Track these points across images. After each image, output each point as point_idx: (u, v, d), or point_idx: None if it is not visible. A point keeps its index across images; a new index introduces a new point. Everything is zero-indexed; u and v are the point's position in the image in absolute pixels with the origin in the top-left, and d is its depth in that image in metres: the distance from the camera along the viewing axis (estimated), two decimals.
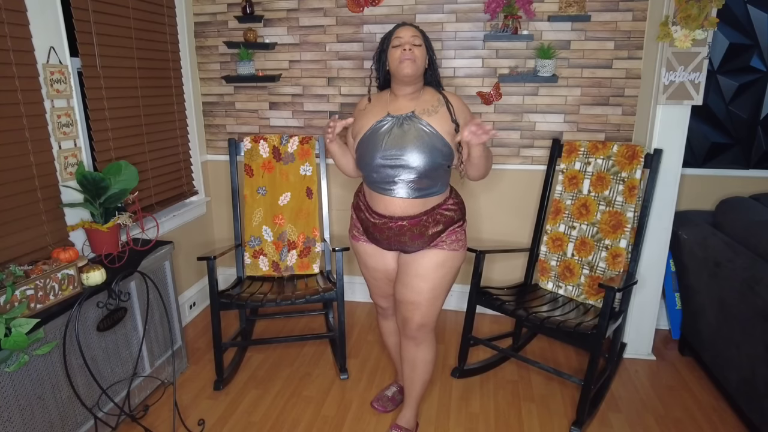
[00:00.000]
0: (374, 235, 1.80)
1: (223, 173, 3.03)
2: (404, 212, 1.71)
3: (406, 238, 1.74)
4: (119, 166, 2.07)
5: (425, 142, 1.64)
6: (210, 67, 2.92)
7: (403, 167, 1.65)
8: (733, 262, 2.06)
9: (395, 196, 1.70)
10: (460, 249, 1.79)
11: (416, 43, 1.66)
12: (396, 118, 1.69)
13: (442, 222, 1.74)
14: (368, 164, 1.70)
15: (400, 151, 1.64)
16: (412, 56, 1.64)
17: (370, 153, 1.68)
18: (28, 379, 1.60)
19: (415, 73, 1.66)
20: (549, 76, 2.52)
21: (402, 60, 1.64)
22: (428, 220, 1.72)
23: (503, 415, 2.12)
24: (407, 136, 1.65)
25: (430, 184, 1.70)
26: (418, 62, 1.65)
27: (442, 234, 1.75)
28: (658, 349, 2.59)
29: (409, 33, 1.67)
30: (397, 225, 1.72)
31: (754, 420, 1.92)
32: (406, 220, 1.71)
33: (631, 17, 2.46)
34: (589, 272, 2.33)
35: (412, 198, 1.69)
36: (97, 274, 1.80)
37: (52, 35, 1.90)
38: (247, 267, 2.62)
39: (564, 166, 2.45)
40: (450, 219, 1.76)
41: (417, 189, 1.69)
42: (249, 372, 2.43)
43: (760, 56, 2.45)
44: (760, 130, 2.55)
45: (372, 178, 1.72)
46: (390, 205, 1.71)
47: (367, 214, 1.79)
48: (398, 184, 1.68)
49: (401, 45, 1.65)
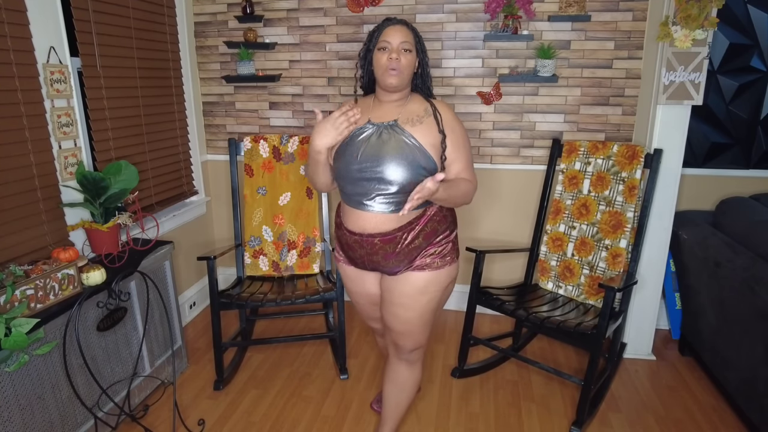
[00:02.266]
0: (349, 254, 1.66)
1: (223, 173, 3.03)
2: (376, 228, 1.55)
3: (379, 257, 1.59)
4: (119, 166, 2.07)
5: (405, 155, 1.49)
6: (210, 67, 2.92)
7: (380, 180, 1.50)
8: (733, 262, 2.06)
9: (369, 210, 1.54)
10: (447, 264, 1.61)
11: (405, 48, 1.51)
12: (377, 126, 1.54)
13: (421, 236, 1.57)
14: (343, 175, 1.55)
15: (376, 163, 1.49)
16: (399, 66, 1.50)
17: (346, 163, 1.54)
18: (28, 378, 1.60)
19: (400, 84, 1.53)
20: (549, 76, 2.52)
21: (387, 70, 1.50)
22: (403, 236, 1.55)
23: (503, 415, 2.12)
24: (386, 146, 1.50)
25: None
26: (404, 72, 1.52)
27: (422, 250, 1.58)
28: (658, 349, 2.59)
29: (399, 37, 1.51)
30: (368, 242, 1.57)
31: (754, 420, 1.92)
32: (377, 237, 1.55)
33: (631, 17, 2.46)
34: (589, 272, 2.33)
35: (387, 213, 1.54)
36: (97, 274, 1.80)
37: (52, 35, 1.90)
38: (247, 267, 2.61)
39: (564, 166, 2.45)
40: (432, 231, 1.58)
41: (394, 204, 1.53)
42: (249, 372, 2.43)
43: (760, 56, 2.45)
44: (760, 130, 2.54)
45: (347, 190, 1.57)
46: (361, 220, 1.56)
47: (342, 231, 1.65)
48: (374, 198, 1.53)
49: (388, 51, 1.51)
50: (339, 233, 1.69)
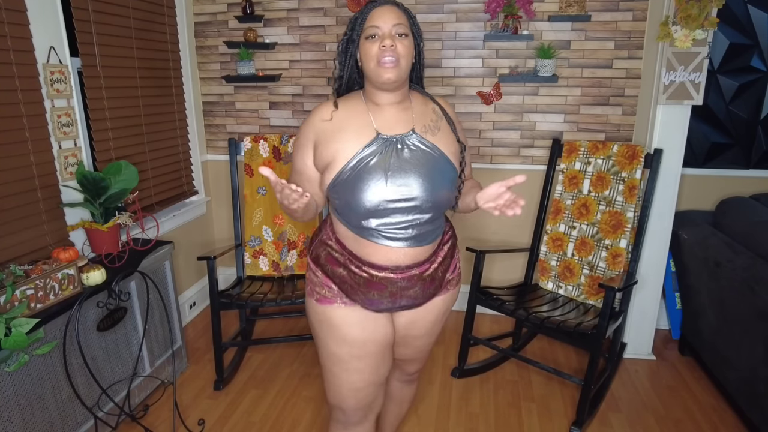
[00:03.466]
0: (368, 295, 1.28)
1: (223, 173, 3.03)
2: (414, 259, 1.27)
3: (417, 290, 1.30)
4: (119, 165, 2.07)
5: (437, 171, 1.22)
6: (210, 66, 2.92)
7: (415, 209, 1.21)
8: (733, 262, 2.06)
9: (401, 246, 1.24)
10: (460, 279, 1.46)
11: (401, 32, 1.19)
12: (389, 140, 1.21)
13: (449, 256, 1.38)
14: (363, 210, 1.20)
15: (410, 188, 1.19)
16: (395, 55, 1.17)
17: (366, 195, 1.18)
18: (28, 378, 1.60)
19: (399, 78, 1.20)
20: (549, 76, 2.52)
21: (382, 61, 1.17)
22: (436, 258, 1.33)
23: (503, 415, 2.12)
24: (411, 164, 1.20)
25: (440, 223, 1.33)
26: (403, 62, 1.19)
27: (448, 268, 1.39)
28: (658, 349, 2.59)
29: (391, 19, 1.18)
30: (405, 276, 1.27)
31: (754, 420, 1.92)
32: (415, 267, 1.27)
33: (632, 17, 2.46)
34: (589, 272, 2.33)
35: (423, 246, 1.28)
36: (97, 274, 1.80)
37: (52, 35, 1.90)
38: (247, 267, 2.61)
39: (564, 166, 2.45)
40: (452, 246, 1.40)
41: (433, 232, 1.29)
42: (249, 372, 2.43)
43: (760, 56, 2.45)
44: (760, 130, 2.54)
45: (367, 225, 1.23)
46: (393, 255, 1.25)
47: (353, 268, 1.27)
48: (409, 231, 1.24)
49: (379, 38, 1.18)
50: (338, 272, 1.30)
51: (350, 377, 1.34)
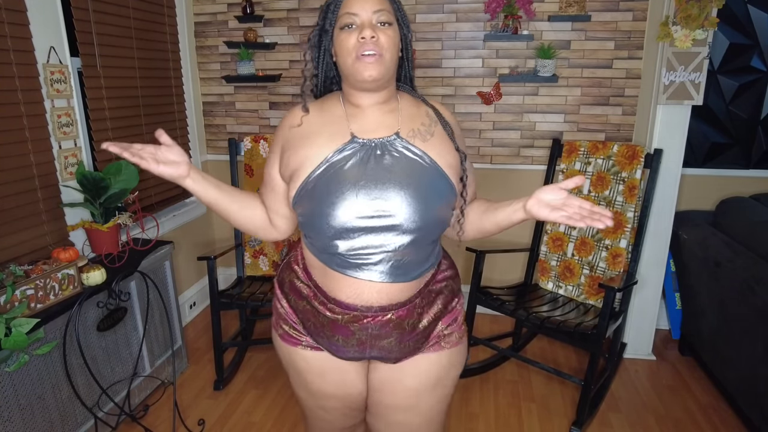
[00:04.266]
0: (332, 339, 1.07)
1: (224, 173, 3.02)
2: (389, 299, 1.02)
3: (392, 341, 1.05)
4: (119, 165, 2.06)
5: (426, 184, 0.98)
6: (210, 67, 2.92)
7: (392, 228, 0.97)
8: (733, 262, 2.06)
9: (375, 279, 1.00)
10: (464, 337, 1.14)
11: (383, 21, 0.97)
12: (368, 144, 1.00)
13: (439, 299, 1.09)
14: (328, 229, 0.98)
15: (387, 202, 0.96)
16: (377, 49, 0.96)
17: (332, 209, 0.96)
18: (28, 378, 1.60)
19: (383, 75, 0.98)
20: (549, 76, 2.52)
21: (360, 57, 0.96)
22: (422, 302, 1.06)
23: (503, 415, 2.12)
24: (391, 174, 0.97)
25: (430, 252, 1.05)
26: (387, 56, 0.97)
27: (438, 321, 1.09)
28: (658, 349, 2.59)
29: (371, 5, 0.97)
30: (377, 321, 1.02)
31: (754, 420, 1.92)
32: (391, 311, 1.03)
33: (632, 17, 2.46)
34: (589, 272, 2.33)
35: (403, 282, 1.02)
36: (97, 274, 1.80)
37: (52, 35, 1.90)
38: (247, 267, 2.61)
39: (564, 166, 2.45)
40: (450, 292, 1.12)
41: (415, 264, 1.02)
42: (249, 372, 2.43)
43: (760, 56, 2.45)
44: (760, 130, 2.54)
45: (333, 250, 1.00)
46: (365, 291, 1.01)
47: (317, 305, 1.06)
48: (381, 258, 0.99)
49: (357, 28, 0.97)
50: (301, 306, 1.10)
51: (318, 423, 1.22)
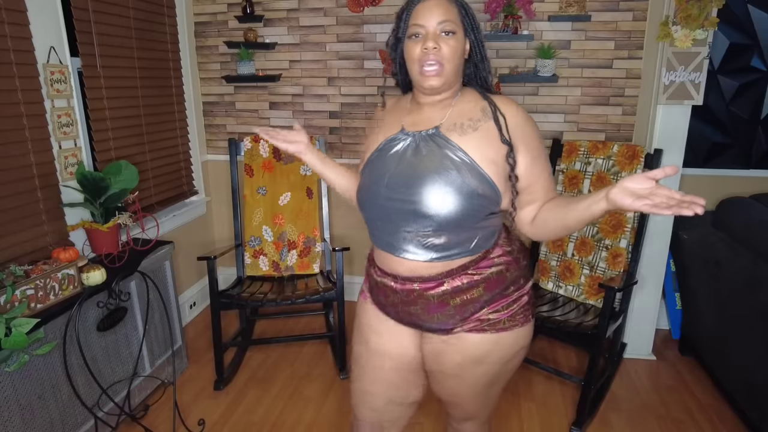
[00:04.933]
0: (378, 297, 1.23)
1: (223, 173, 3.03)
2: (413, 272, 1.14)
3: (418, 309, 1.16)
4: (119, 165, 2.07)
5: (451, 177, 1.05)
6: (210, 67, 2.92)
7: (416, 214, 1.07)
8: (733, 262, 2.06)
9: (401, 256, 1.13)
10: (517, 326, 1.16)
11: (447, 30, 1.07)
12: (412, 136, 1.13)
13: (482, 285, 1.13)
14: (365, 203, 1.17)
15: (410, 188, 1.07)
16: (438, 59, 1.07)
17: (371, 187, 1.14)
18: (29, 378, 1.60)
19: (443, 84, 1.10)
20: (549, 76, 2.52)
21: (423, 67, 1.08)
22: (453, 282, 1.12)
23: (503, 415, 2.12)
24: (423, 165, 1.07)
25: (460, 241, 1.10)
26: (448, 67, 1.08)
27: (483, 305, 1.14)
28: (658, 349, 2.59)
29: (436, 16, 1.06)
30: (404, 288, 1.15)
31: (754, 420, 1.92)
32: (417, 282, 1.13)
33: (632, 17, 2.46)
34: (590, 272, 2.33)
35: (428, 261, 1.12)
36: (98, 274, 1.80)
37: (52, 35, 1.90)
38: (247, 267, 2.61)
39: (564, 166, 2.45)
40: (498, 280, 1.14)
41: (436, 248, 1.10)
42: (249, 372, 2.43)
43: (761, 56, 2.45)
44: (761, 130, 2.54)
45: (372, 224, 1.18)
46: (393, 262, 1.16)
47: (372, 265, 1.25)
48: (407, 239, 1.11)
49: (422, 38, 1.08)
50: (368, 268, 1.28)
51: (364, 384, 1.29)
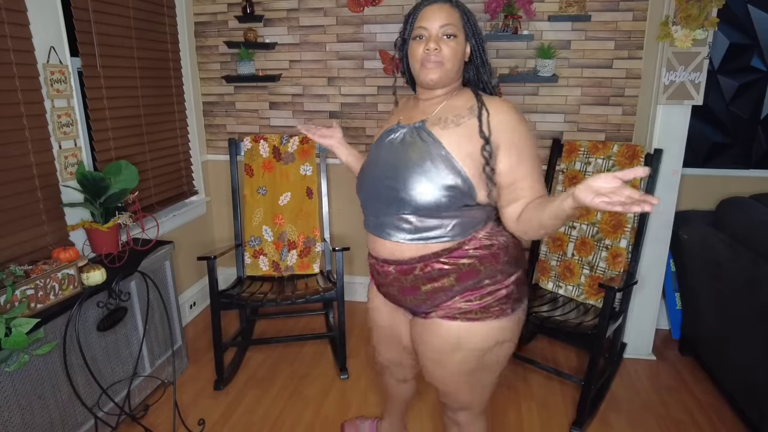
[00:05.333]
0: (375, 279, 1.38)
1: (224, 173, 3.03)
2: (391, 255, 1.25)
3: (395, 290, 1.29)
4: (119, 165, 2.07)
5: (426, 168, 1.15)
6: (210, 66, 2.92)
7: (396, 199, 1.19)
8: (733, 262, 2.06)
9: (382, 237, 1.25)
10: (491, 317, 1.22)
11: (448, 33, 1.17)
12: (404, 128, 1.25)
13: (453, 275, 1.20)
14: (362, 186, 1.30)
15: (395, 175, 1.19)
16: (439, 58, 1.17)
17: (366, 171, 1.30)
18: (28, 378, 1.60)
19: (442, 79, 1.21)
20: (549, 76, 2.52)
21: (424, 64, 1.19)
22: (426, 269, 1.21)
23: (503, 415, 2.12)
24: (407, 155, 1.19)
25: (433, 227, 1.20)
26: (448, 65, 1.19)
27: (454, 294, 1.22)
28: (658, 349, 2.59)
29: (439, 20, 1.17)
30: (383, 270, 1.28)
31: (754, 420, 1.92)
32: (392, 265, 1.25)
33: (632, 17, 2.46)
34: (590, 272, 2.33)
35: (404, 243, 1.22)
36: (98, 274, 1.80)
37: (52, 35, 1.90)
38: (247, 267, 2.61)
39: (564, 166, 2.45)
40: (471, 272, 1.20)
41: (411, 231, 1.20)
42: (249, 372, 2.43)
43: (761, 56, 2.45)
44: (761, 130, 2.54)
45: (364, 206, 1.31)
46: (377, 243, 1.28)
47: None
48: (389, 221, 1.23)
49: (425, 40, 1.19)
50: None
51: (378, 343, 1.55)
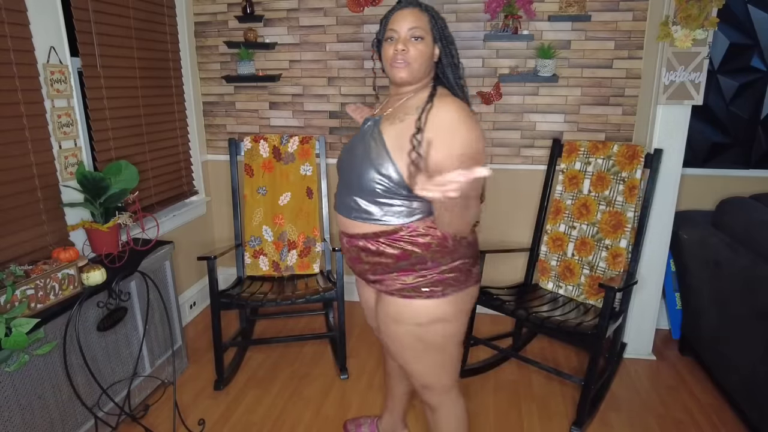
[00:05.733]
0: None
1: (224, 173, 3.03)
2: (346, 228, 1.40)
3: (348, 259, 1.46)
4: (119, 165, 2.07)
5: (365, 156, 1.30)
6: (210, 66, 2.92)
7: (351, 181, 1.35)
8: (733, 262, 2.06)
9: (340, 212, 1.41)
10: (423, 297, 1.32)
11: (416, 35, 1.27)
12: (370, 121, 1.39)
13: (388, 254, 1.32)
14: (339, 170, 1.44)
15: (351, 163, 1.36)
16: (406, 59, 1.28)
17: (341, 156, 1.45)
18: (29, 378, 1.60)
19: (411, 77, 1.31)
20: (549, 76, 2.52)
21: (393, 63, 1.29)
22: (366, 244, 1.34)
23: (503, 415, 2.12)
24: (360, 145, 1.35)
25: (369, 209, 1.32)
26: (414, 65, 1.29)
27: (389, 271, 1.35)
28: (658, 349, 2.59)
29: (407, 23, 1.27)
30: (342, 241, 1.45)
31: (754, 420, 1.93)
32: (345, 237, 1.41)
33: (632, 17, 2.46)
34: (590, 272, 2.33)
35: (352, 220, 1.36)
36: (98, 274, 1.80)
37: (52, 35, 1.90)
38: (247, 267, 2.61)
39: (564, 166, 2.45)
40: (403, 255, 1.31)
41: (356, 210, 1.35)
42: (249, 372, 2.43)
43: (760, 56, 2.45)
44: (760, 130, 2.54)
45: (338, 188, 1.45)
46: (339, 218, 1.43)
47: None
48: (345, 201, 1.38)
49: (395, 41, 1.29)
50: None
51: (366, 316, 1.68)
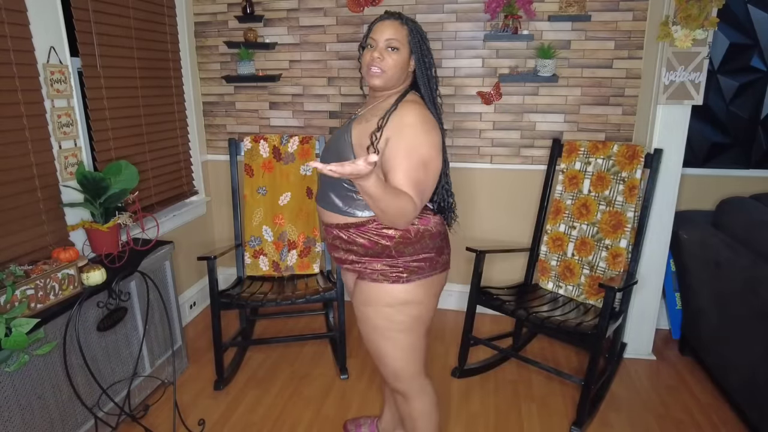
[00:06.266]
0: None
1: (224, 173, 3.03)
2: (324, 218, 1.54)
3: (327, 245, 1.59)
4: (119, 165, 2.07)
5: (335, 152, 1.43)
6: (210, 67, 2.92)
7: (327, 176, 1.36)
8: (733, 262, 2.06)
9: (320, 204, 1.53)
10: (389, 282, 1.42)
11: (392, 46, 1.37)
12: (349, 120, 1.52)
13: (358, 243, 1.44)
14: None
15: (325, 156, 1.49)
16: (381, 66, 1.38)
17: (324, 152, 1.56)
18: (29, 378, 1.60)
19: (385, 84, 1.41)
20: (549, 76, 2.52)
21: (368, 70, 1.40)
22: (339, 233, 1.47)
23: (503, 415, 2.12)
24: (333, 142, 1.47)
25: (337, 203, 1.45)
26: (389, 73, 1.39)
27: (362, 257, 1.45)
28: (658, 349, 2.59)
29: (386, 34, 1.37)
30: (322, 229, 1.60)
31: (754, 420, 1.93)
32: (323, 226, 1.56)
33: (632, 17, 2.46)
34: (590, 272, 2.33)
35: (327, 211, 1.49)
36: (98, 274, 1.80)
37: (52, 35, 1.90)
38: (247, 267, 2.61)
39: (564, 166, 2.45)
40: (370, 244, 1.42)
41: (325, 201, 1.48)
42: (249, 372, 2.43)
43: (761, 56, 2.45)
44: (760, 130, 2.54)
45: None
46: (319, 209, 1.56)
47: None
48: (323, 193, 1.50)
49: (373, 49, 1.39)
50: None
51: None
